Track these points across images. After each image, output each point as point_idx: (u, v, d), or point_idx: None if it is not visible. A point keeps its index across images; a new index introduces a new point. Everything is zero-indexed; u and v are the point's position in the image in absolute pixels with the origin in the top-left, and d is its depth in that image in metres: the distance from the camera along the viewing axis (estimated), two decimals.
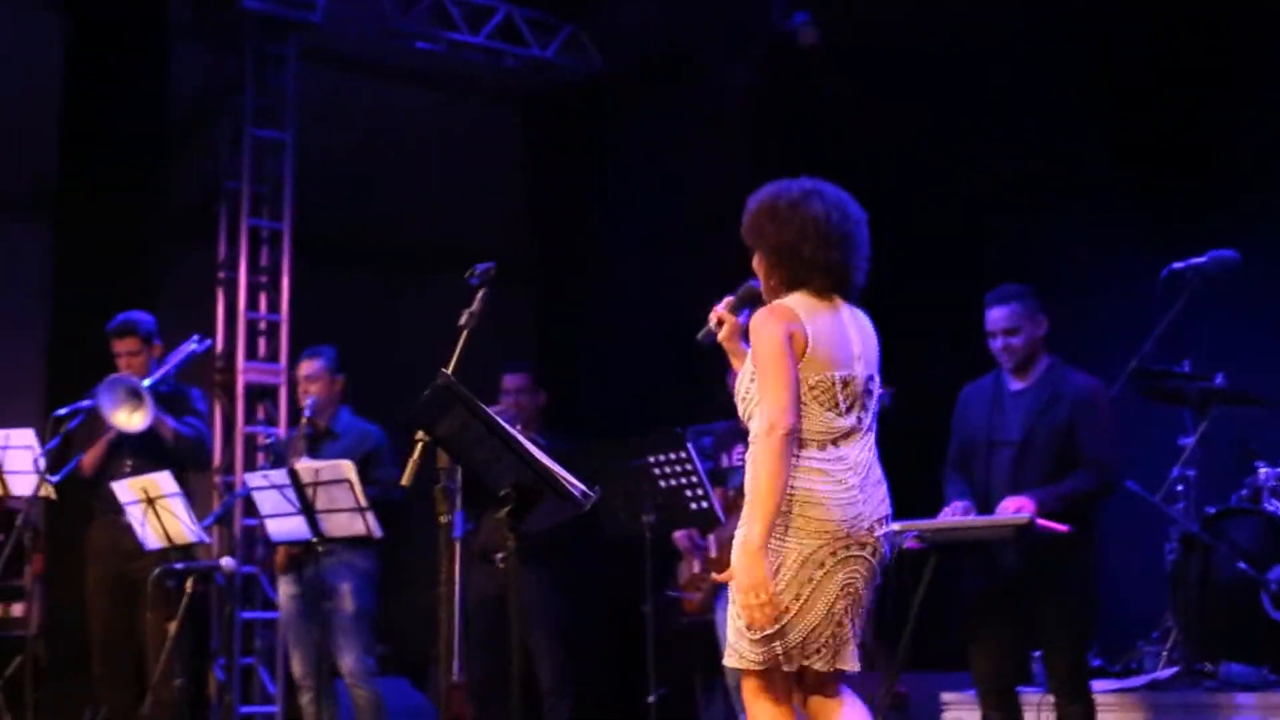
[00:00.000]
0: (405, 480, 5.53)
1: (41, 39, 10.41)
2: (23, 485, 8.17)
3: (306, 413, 8.51)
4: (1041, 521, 6.27)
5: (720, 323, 5.28)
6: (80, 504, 8.61)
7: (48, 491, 8.18)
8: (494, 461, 5.36)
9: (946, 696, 7.89)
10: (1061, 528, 6.32)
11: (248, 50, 10.91)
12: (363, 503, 7.72)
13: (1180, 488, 8.04)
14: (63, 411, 8.31)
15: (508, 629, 5.87)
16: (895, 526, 6.42)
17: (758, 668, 4.96)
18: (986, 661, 6.72)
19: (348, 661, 8.31)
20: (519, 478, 5.30)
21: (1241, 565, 7.48)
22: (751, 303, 5.25)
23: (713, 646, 8.11)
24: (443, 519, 5.78)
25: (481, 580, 8.48)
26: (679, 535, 8.59)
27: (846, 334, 5.04)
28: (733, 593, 4.89)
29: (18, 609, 9.94)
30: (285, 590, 8.44)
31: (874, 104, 10.07)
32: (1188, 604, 7.63)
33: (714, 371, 6.07)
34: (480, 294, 5.68)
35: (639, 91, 11.72)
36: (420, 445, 5.43)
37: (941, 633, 6.74)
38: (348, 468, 7.74)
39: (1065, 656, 6.62)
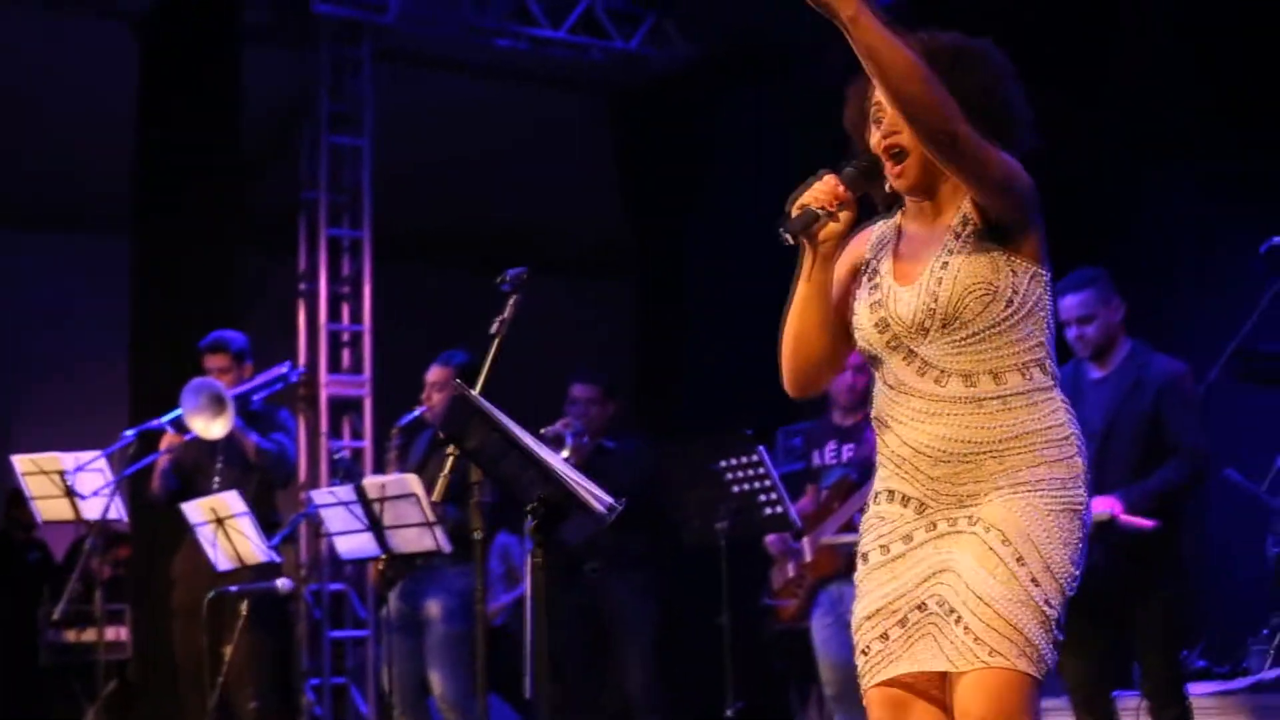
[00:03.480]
0: (435, 496, 5.30)
1: (112, 53, 10.25)
2: (93, 509, 8.07)
3: (400, 422, 8.28)
4: (1124, 518, 5.95)
5: (840, 204, 3.76)
6: (173, 527, 8.45)
7: (118, 513, 8.10)
8: (520, 474, 5.12)
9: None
10: (1147, 523, 5.99)
11: (322, 56, 10.70)
12: (430, 517, 7.48)
13: None
14: (129, 433, 8.23)
15: (594, 640, 5.60)
16: None
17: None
18: (1077, 666, 6.30)
19: (437, 684, 8.01)
20: (545, 490, 5.07)
21: None
22: (870, 178, 3.84)
23: (808, 655, 7.77)
24: (476, 535, 5.56)
25: (565, 592, 8.19)
26: (771, 539, 7.88)
27: None
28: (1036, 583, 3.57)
29: (113, 633, 9.90)
30: (390, 603, 8.17)
31: None
32: None
33: None
34: (511, 300, 5.41)
35: (731, 81, 11.39)
36: (450, 459, 5.21)
37: None
38: (414, 481, 7.51)
39: (1158, 658, 6.28)
